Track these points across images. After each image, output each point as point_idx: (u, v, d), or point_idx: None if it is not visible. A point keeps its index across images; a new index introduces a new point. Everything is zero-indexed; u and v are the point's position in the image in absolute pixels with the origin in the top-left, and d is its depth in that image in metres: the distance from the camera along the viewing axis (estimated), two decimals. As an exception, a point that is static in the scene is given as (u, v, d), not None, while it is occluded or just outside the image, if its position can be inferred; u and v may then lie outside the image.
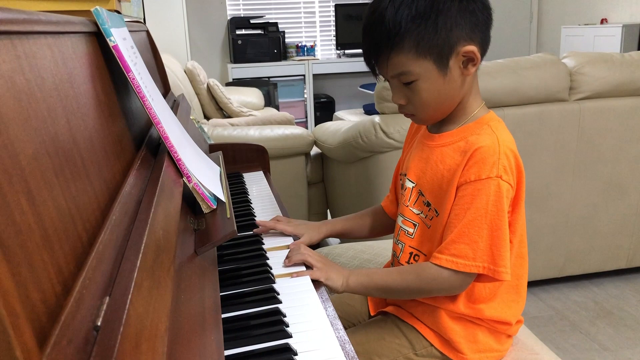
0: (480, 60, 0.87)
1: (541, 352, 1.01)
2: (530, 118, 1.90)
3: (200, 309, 0.66)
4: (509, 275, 0.86)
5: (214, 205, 0.90)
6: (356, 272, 0.93)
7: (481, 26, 0.87)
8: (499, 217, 0.85)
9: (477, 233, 0.85)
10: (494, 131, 0.89)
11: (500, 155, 0.86)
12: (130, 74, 0.78)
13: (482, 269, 0.85)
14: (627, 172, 2.04)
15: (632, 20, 4.26)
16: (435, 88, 0.88)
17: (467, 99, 0.92)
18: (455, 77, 0.88)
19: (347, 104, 5.35)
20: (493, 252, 0.85)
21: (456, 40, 0.85)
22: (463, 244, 0.86)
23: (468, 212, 0.86)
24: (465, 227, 0.86)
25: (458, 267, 0.86)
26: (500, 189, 0.85)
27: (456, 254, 0.86)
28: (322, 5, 5.34)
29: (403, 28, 0.84)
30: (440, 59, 0.85)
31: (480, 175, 0.86)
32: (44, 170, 0.44)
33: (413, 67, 0.86)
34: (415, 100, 0.90)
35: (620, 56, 2.00)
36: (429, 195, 0.95)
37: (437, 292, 0.92)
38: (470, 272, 0.86)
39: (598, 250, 2.13)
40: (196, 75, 3.54)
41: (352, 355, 0.70)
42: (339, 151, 2.11)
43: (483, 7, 0.87)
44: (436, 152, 0.94)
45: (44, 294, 0.38)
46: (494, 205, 0.85)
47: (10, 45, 0.45)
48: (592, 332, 1.90)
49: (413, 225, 0.98)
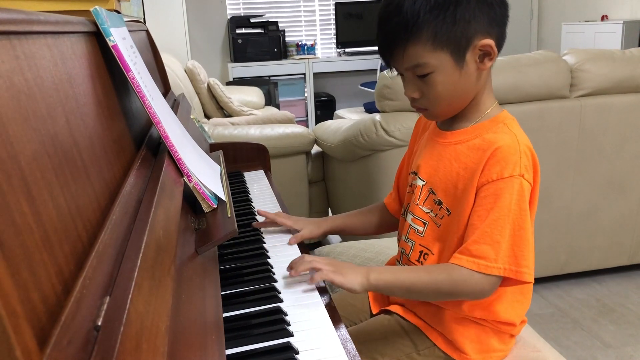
0: (497, 55, 0.87)
1: (543, 350, 1.01)
2: (531, 115, 1.89)
3: (201, 308, 0.66)
4: (532, 276, 0.84)
5: (215, 205, 0.90)
6: (376, 269, 0.88)
7: (498, 20, 0.86)
8: (522, 217, 0.83)
9: (500, 233, 0.83)
10: (510, 129, 0.88)
11: (521, 154, 0.85)
12: (130, 73, 0.77)
13: (504, 271, 0.82)
14: (628, 168, 2.04)
15: (632, 16, 4.25)
16: (451, 81, 0.87)
17: (481, 95, 0.91)
18: (471, 71, 0.87)
19: (347, 102, 5.35)
20: (515, 253, 0.83)
21: (474, 33, 0.84)
22: (485, 245, 0.83)
23: (491, 212, 0.84)
24: (488, 227, 0.84)
25: (479, 268, 0.82)
26: (522, 188, 0.84)
27: (477, 255, 0.83)
28: (322, 4, 5.33)
29: (421, 18, 0.82)
30: (457, 52, 0.85)
31: (503, 174, 0.84)
32: (43, 170, 0.44)
33: (429, 59, 0.85)
34: (430, 94, 0.88)
35: (621, 53, 2.00)
36: (441, 193, 0.93)
37: (465, 296, 0.88)
38: (491, 274, 0.83)
39: (600, 247, 2.13)
40: (196, 75, 3.54)
41: (354, 354, 0.69)
42: (340, 150, 2.11)
43: (501, 2, 0.86)
44: (449, 149, 0.93)
45: (44, 294, 0.38)
46: (517, 205, 0.83)
47: (9, 45, 0.45)
48: (594, 329, 1.90)
49: (423, 224, 0.97)
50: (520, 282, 0.85)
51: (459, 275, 0.84)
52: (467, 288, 0.84)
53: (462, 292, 0.86)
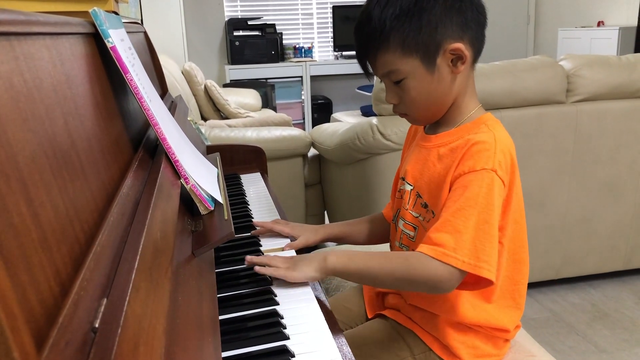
0: (469, 59, 0.87)
1: (538, 354, 1.01)
2: (528, 120, 1.90)
3: (197, 311, 0.66)
4: (493, 274, 0.80)
5: (212, 207, 0.90)
6: (335, 252, 0.87)
7: (471, 25, 0.87)
8: (488, 211, 0.81)
9: (463, 223, 0.80)
10: (490, 129, 0.89)
11: (497, 150, 0.84)
12: (128, 75, 0.77)
13: (462, 263, 0.79)
14: (624, 174, 2.05)
15: (628, 22, 4.27)
16: (424, 86, 0.88)
17: (462, 99, 0.92)
18: (445, 76, 0.88)
19: (344, 105, 5.36)
20: (476, 246, 0.80)
21: (442, 38, 0.85)
22: (446, 233, 0.81)
23: (457, 202, 0.82)
24: (451, 215, 0.82)
25: (437, 255, 0.79)
26: (493, 183, 0.82)
27: (437, 242, 0.81)
28: (319, 7, 5.34)
29: (388, 26, 0.85)
30: (427, 57, 0.86)
31: (475, 166, 0.83)
32: (41, 172, 0.44)
33: (400, 66, 0.87)
34: (406, 99, 0.90)
35: (617, 59, 2.01)
36: (427, 196, 0.94)
37: (423, 284, 0.82)
38: (448, 263, 0.79)
39: (595, 252, 2.14)
40: (193, 77, 3.54)
41: (350, 358, 0.69)
42: (337, 153, 2.11)
43: (472, 6, 0.87)
44: (433, 152, 0.94)
45: (42, 295, 0.38)
46: (485, 198, 0.81)
47: (8, 46, 0.45)
48: (589, 334, 1.90)
49: (413, 229, 0.97)
50: (481, 279, 0.81)
51: (415, 261, 0.81)
52: (422, 274, 0.81)
53: (417, 279, 0.82)
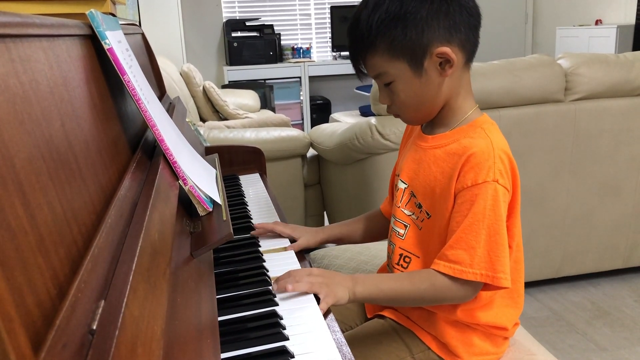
0: (457, 62, 0.87)
1: (538, 353, 1.01)
2: (526, 119, 1.90)
3: (196, 312, 0.66)
4: (509, 281, 0.84)
5: (210, 208, 0.90)
6: (361, 280, 0.87)
7: (460, 27, 0.86)
8: (497, 222, 0.84)
9: (475, 239, 0.84)
10: (487, 135, 0.89)
11: (496, 159, 0.85)
12: (126, 76, 0.77)
13: (480, 276, 0.83)
14: (622, 172, 2.05)
15: (626, 21, 4.28)
16: (412, 89, 0.89)
17: (455, 100, 0.92)
18: (433, 79, 0.88)
19: (343, 105, 5.36)
20: (491, 258, 0.84)
21: (429, 42, 0.85)
22: (460, 250, 0.84)
23: (466, 218, 0.85)
24: (462, 232, 0.85)
25: (455, 273, 0.84)
26: (497, 193, 0.84)
27: (453, 260, 0.84)
28: (317, 7, 5.34)
29: (375, 30, 0.86)
30: (414, 61, 0.87)
31: (477, 180, 0.85)
32: (38, 174, 0.44)
33: (388, 69, 0.88)
34: (396, 101, 0.92)
35: (615, 57, 2.01)
36: (421, 197, 0.95)
37: (449, 301, 0.89)
38: (467, 279, 0.84)
39: (594, 250, 2.14)
40: (192, 78, 3.53)
41: (350, 358, 0.69)
42: (336, 153, 2.11)
43: (461, 8, 0.86)
44: (429, 154, 0.94)
45: (39, 298, 0.38)
46: (492, 210, 0.84)
47: (4, 48, 0.45)
48: (589, 333, 1.90)
49: (404, 227, 0.98)
50: (498, 287, 0.85)
51: (440, 283, 0.86)
52: (449, 295, 0.87)
53: (445, 299, 0.89)
